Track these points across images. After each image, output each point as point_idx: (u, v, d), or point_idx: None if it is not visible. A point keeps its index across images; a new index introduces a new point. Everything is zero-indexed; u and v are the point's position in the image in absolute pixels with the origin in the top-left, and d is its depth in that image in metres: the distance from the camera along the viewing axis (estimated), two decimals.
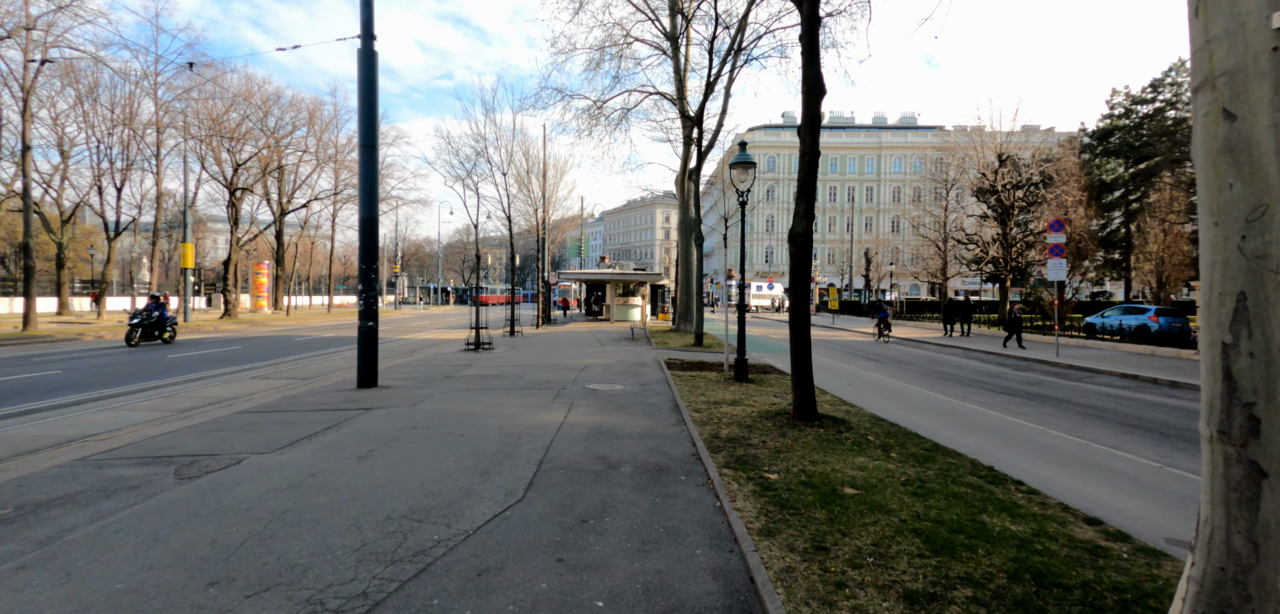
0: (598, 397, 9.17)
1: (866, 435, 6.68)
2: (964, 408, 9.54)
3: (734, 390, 9.89)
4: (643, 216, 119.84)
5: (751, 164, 10.87)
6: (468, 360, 14.32)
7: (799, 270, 7.38)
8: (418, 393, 9.40)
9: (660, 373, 12.09)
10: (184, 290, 29.14)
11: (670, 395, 9.33)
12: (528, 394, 9.35)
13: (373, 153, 9.92)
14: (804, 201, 7.34)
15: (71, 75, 26.92)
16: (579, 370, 12.37)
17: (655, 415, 7.75)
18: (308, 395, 9.23)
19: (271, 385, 10.68)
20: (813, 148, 7.29)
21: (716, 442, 6.32)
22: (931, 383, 12.57)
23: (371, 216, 9.92)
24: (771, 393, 9.73)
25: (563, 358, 14.88)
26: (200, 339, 20.87)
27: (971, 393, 11.24)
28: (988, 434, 7.65)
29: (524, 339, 21.20)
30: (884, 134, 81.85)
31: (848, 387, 11.50)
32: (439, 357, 15.26)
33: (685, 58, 24.31)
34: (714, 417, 7.59)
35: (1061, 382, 13.14)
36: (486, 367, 12.96)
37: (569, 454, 5.83)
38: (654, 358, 14.99)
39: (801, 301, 7.39)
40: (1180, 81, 38.42)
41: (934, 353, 19.57)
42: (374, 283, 9.96)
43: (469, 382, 10.67)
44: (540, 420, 7.35)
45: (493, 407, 8.22)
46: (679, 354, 16.10)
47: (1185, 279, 34.42)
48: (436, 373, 11.92)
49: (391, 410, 7.98)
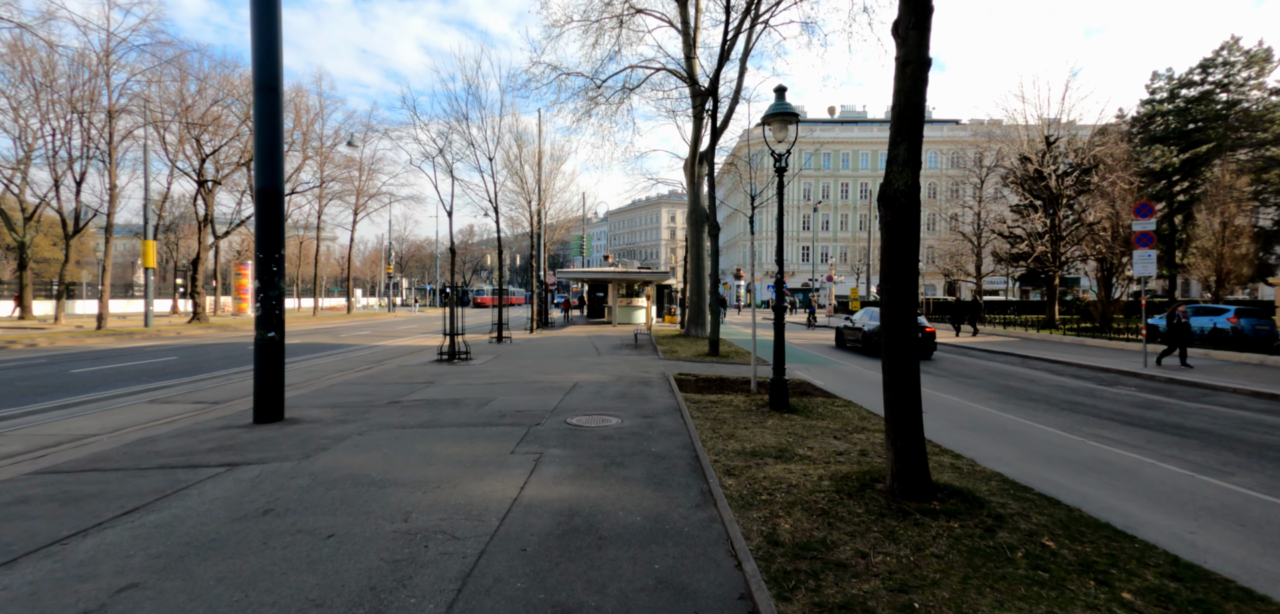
0: (581, 441, 6.37)
1: (1035, 534, 3.85)
2: (1115, 457, 6.65)
3: (774, 427, 7.06)
4: (648, 216, 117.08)
5: (792, 116, 8.07)
6: (432, 376, 11.56)
7: (899, 250, 4.54)
8: (328, 433, 6.64)
9: (669, 396, 9.28)
10: (146, 292, 26.58)
11: (686, 438, 6.52)
12: (482, 436, 6.57)
13: (273, 97, 7.16)
14: (905, 140, 4.51)
15: (19, 54, 24.41)
16: (565, 392, 9.58)
17: (665, 484, 4.94)
18: (170, 438, 6.48)
19: (154, 415, 7.96)
20: (919, 52, 4.47)
21: (777, 553, 3.52)
22: (1024, 408, 9.69)
23: (271, 187, 7.16)
24: (828, 431, 6.90)
25: (548, 372, 12.10)
26: (138, 347, 18.22)
27: (1091, 426, 8.36)
28: (1196, 510, 4.80)
29: (512, 347, 18.45)
30: None
31: None
32: (401, 371, 12.51)
33: (695, 26, 21.53)
34: (760, 487, 4.77)
35: (1186, 403, 10.24)
36: (449, 386, 10.19)
37: (504, 596, 3.04)
38: (661, 372, 12.19)
39: (904, 300, 4.53)
40: (1233, 61, 35.31)
41: (982, 361, 16.64)
42: (276, 278, 7.20)
43: (411, 412, 7.89)
44: (478, 498, 4.57)
45: (417, 465, 5.43)
46: (691, 367, 13.29)
47: (1246, 276, 31.29)
48: (378, 397, 9.15)
49: (263, 469, 5.22)
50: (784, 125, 8.09)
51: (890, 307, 4.53)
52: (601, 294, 35.53)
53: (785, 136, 8.16)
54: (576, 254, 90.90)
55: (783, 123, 8.07)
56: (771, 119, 8.07)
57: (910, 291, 4.50)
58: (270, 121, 7.14)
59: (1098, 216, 25.37)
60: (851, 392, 10.67)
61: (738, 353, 16.56)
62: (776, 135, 8.15)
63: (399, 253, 73.63)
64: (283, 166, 7.33)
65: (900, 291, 4.50)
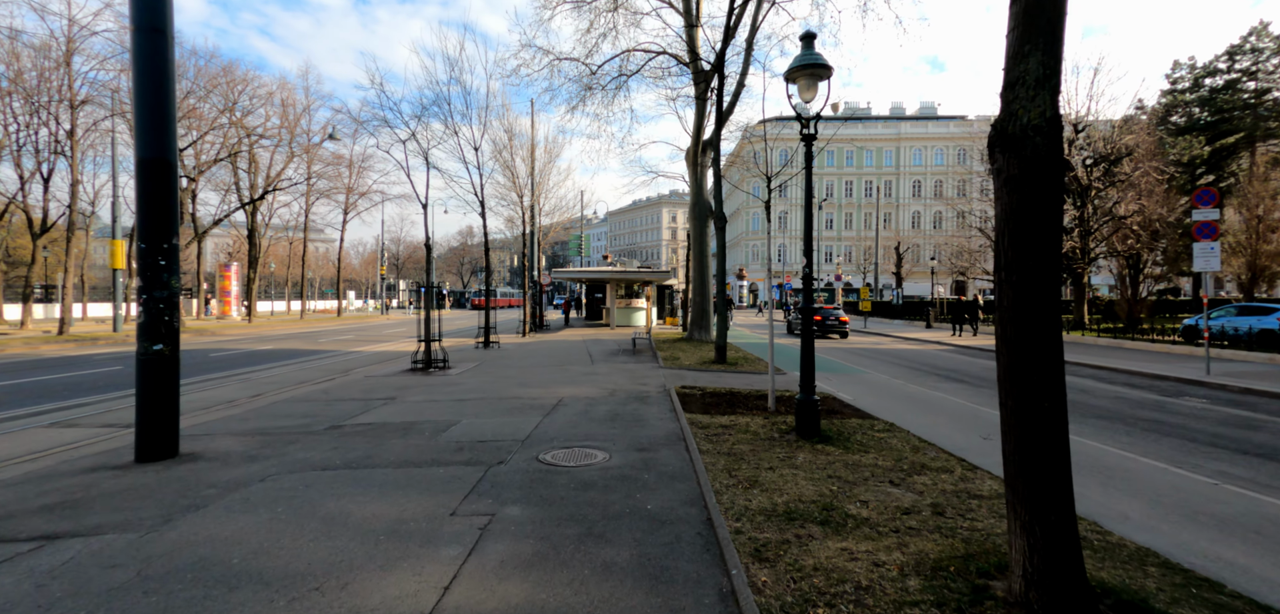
0: (552, 491, 4.75)
1: None
2: (1276, 511, 5.03)
3: (809, 465, 5.43)
4: (648, 216, 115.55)
5: (823, 69, 6.45)
6: (397, 389, 9.94)
7: (1033, 223, 2.86)
8: (222, 478, 5.03)
9: (671, 417, 7.65)
10: (114, 294, 25.01)
11: (693, 485, 4.89)
12: (422, 483, 4.95)
13: (158, 40, 5.54)
14: (1038, 47, 2.85)
15: None
16: (545, 413, 7.96)
17: (666, 576, 3.30)
18: (8, 487, 4.87)
19: (35, 445, 6.33)
20: None
21: None
22: (1100, 430, 8.04)
23: (157, 157, 5.54)
24: (880, 472, 5.27)
25: (531, 385, 10.47)
26: (90, 355, 16.62)
27: (1199, 456, 6.71)
28: None
29: (498, 353, 16.84)
30: (903, 124, 77.05)
31: (985, 442, 7.01)
32: (365, 382, 10.88)
33: (697, 4, 19.93)
34: (810, 588, 3.11)
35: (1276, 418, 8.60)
36: (410, 404, 8.56)
37: None
38: (661, 384, 10.56)
39: (1040, 302, 2.86)
40: (1262, 47, 33.60)
41: None
42: (164, 275, 5.57)
43: (347, 444, 6.27)
44: (375, 608, 2.94)
45: (311, 540, 3.81)
46: (696, 378, 11.66)
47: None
48: (319, 420, 7.53)
49: (86, 548, 3.60)
50: (813, 81, 6.47)
51: (1019, 313, 2.88)
52: (599, 295, 33.86)
53: (814, 96, 6.54)
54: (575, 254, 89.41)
55: (812, 77, 6.44)
56: (797, 73, 6.45)
57: (1051, 289, 2.86)
58: (154, 73, 5.52)
59: (1128, 209, 23.70)
60: (885, 407, 9.04)
61: (746, 359, 14.93)
62: (804, 94, 6.53)
63: (395, 254, 71.94)
64: (174, 131, 5.71)
65: (1034, 289, 2.85)
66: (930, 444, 6.41)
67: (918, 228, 74.95)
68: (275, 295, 52.59)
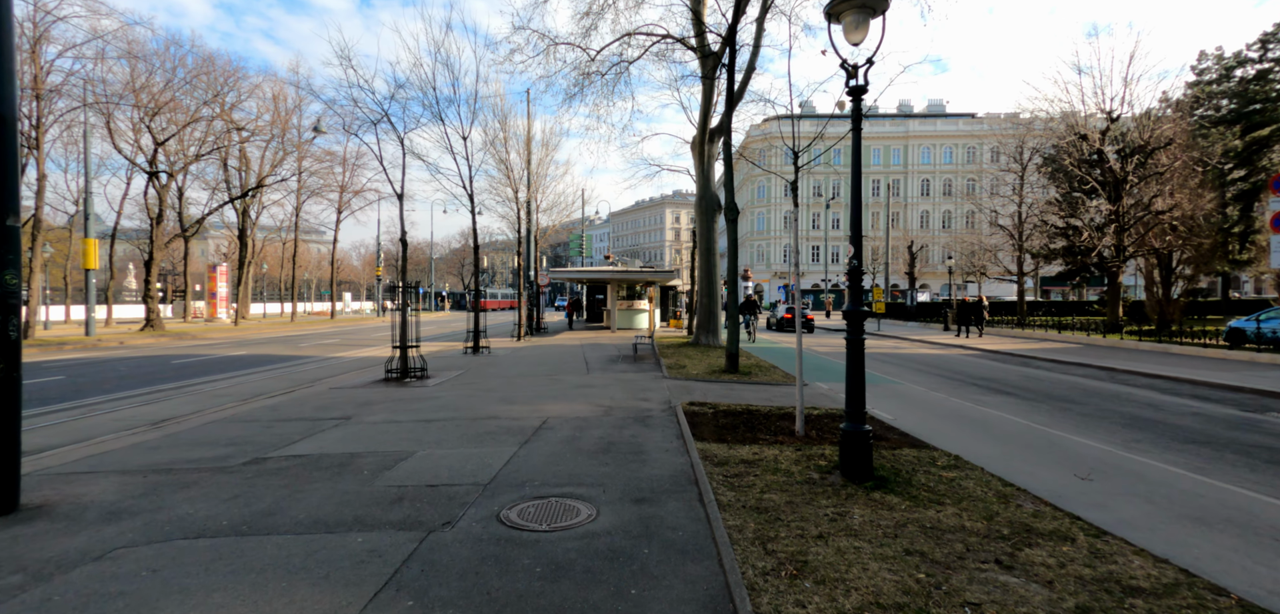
0: (506, 585, 3.24)
1: None
2: None
3: (869, 527, 3.91)
4: (651, 217, 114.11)
5: (872, 4, 4.95)
6: (358, 406, 8.46)
7: None
8: (51, 551, 3.55)
9: (678, 450, 6.14)
10: (87, 297, 23.65)
11: (715, 574, 3.37)
12: (323, 562, 3.45)
13: None
14: None
15: None
16: (522, 441, 6.46)
17: None
18: None
19: None
20: None
21: None
22: (1212, 462, 6.50)
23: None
24: (975, 542, 3.75)
25: (514, 401, 8.98)
26: (37, 363, 15.21)
27: None
28: None
29: (487, 360, 15.38)
30: (911, 122, 75.46)
31: (1085, 483, 5.47)
32: (326, 395, 9.40)
33: None
34: None
35: None
36: (363, 427, 7.07)
37: None
38: (665, 399, 9.06)
39: None
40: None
41: (1059, 375, 13.40)
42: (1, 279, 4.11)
43: (256, 489, 4.78)
44: None
45: None
46: (706, 391, 10.14)
47: None
48: (239, 451, 6.05)
49: None
50: (863, 17, 4.97)
51: None
52: (600, 297, 32.37)
53: (863, 38, 5.04)
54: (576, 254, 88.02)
55: (862, 12, 4.94)
56: (843, 7, 4.95)
57: None
58: None
59: (1167, 203, 22.07)
60: (935, 430, 7.53)
61: (760, 367, 13.42)
62: (851, 35, 5.03)
63: (394, 255, 70.67)
64: (12, 84, 4.25)
65: None
66: (1019, 490, 4.90)
67: (926, 227, 73.31)
68: (269, 297, 51.27)
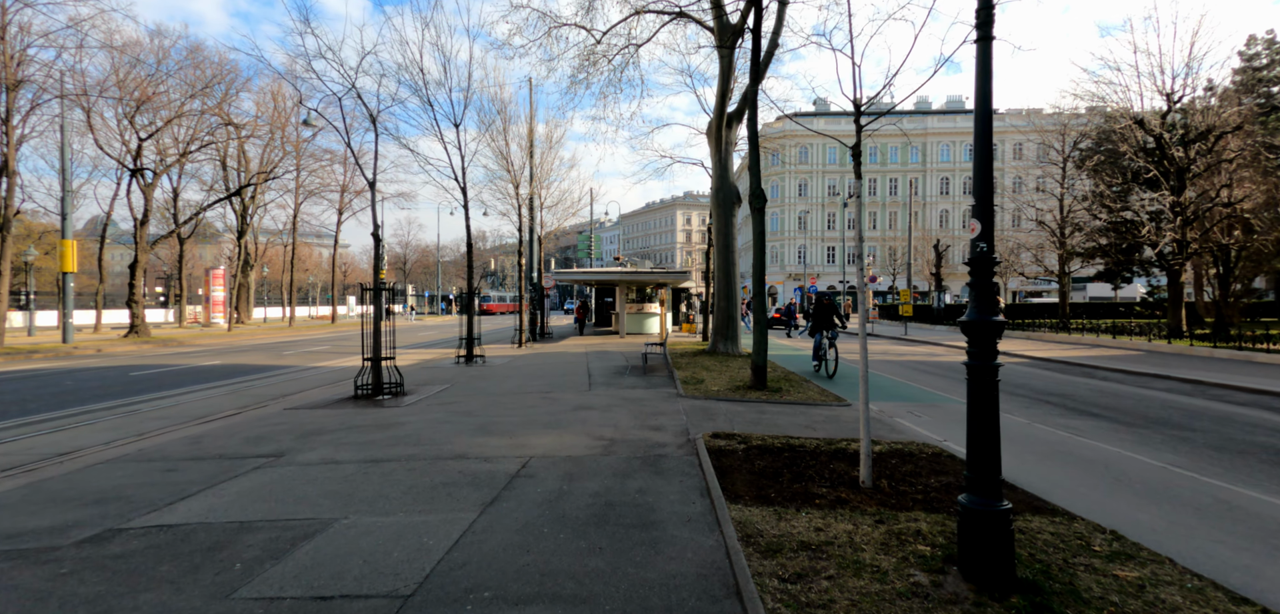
0: None
1: None
2: None
3: None
4: (662, 218, 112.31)
5: None
6: (297, 438, 6.74)
7: None
8: None
9: (705, 524, 4.32)
10: (63, 301, 22.30)
11: None
12: None
13: None
14: None
15: None
16: (486, 502, 4.69)
17: None
18: None
19: None
20: None
21: None
22: None
23: None
24: None
25: (492, 432, 7.22)
26: None
27: None
28: None
29: (479, 371, 13.68)
30: (929, 119, 73.12)
31: None
32: (268, 420, 7.69)
33: None
34: None
35: None
36: (280, 476, 5.34)
37: None
38: (682, 426, 7.26)
39: None
40: None
41: (1144, 390, 11.39)
42: None
43: (58, 597, 3.04)
44: None
45: None
46: (732, 416, 8.31)
47: None
48: (97, 516, 4.33)
49: None
50: None
51: None
52: (609, 300, 30.63)
53: None
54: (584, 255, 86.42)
55: None
56: None
57: None
58: None
59: (1240, 193, 19.89)
60: (1048, 478, 5.65)
61: (789, 381, 11.57)
62: None
63: (402, 257, 69.31)
64: None
65: None
66: (1249, 602, 3.06)
67: (945, 226, 70.87)
68: (273, 302, 50.09)
